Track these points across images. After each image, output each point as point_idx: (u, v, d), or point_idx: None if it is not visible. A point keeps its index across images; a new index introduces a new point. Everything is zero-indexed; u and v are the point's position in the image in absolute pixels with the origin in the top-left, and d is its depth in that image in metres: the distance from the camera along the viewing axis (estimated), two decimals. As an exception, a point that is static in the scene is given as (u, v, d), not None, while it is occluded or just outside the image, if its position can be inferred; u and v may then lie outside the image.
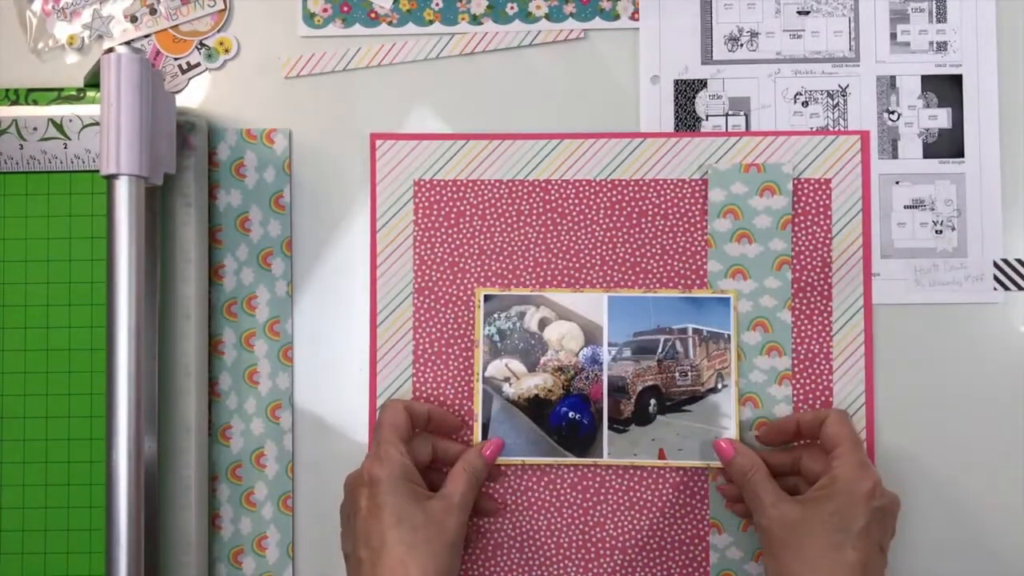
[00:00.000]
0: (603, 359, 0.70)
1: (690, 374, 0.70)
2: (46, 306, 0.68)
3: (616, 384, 0.70)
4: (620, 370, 0.70)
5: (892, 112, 0.71)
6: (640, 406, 0.69)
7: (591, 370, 0.70)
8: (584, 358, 0.70)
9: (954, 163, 0.71)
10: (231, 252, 0.71)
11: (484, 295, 0.70)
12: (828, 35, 0.72)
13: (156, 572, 0.66)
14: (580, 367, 0.70)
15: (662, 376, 0.70)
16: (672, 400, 0.70)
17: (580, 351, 0.70)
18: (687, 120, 0.71)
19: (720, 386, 0.70)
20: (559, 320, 0.70)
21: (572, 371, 0.70)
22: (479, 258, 0.71)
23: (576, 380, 0.70)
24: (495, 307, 0.70)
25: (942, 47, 0.72)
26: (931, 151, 0.71)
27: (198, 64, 0.73)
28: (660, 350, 0.70)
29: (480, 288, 0.70)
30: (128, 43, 0.71)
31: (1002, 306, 0.71)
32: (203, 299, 0.69)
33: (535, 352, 0.70)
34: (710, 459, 0.69)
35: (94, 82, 0.69)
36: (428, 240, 0.71)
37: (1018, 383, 0.70)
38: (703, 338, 0.70)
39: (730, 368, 0.70)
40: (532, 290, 0.70)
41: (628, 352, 0.70)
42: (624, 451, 0.69)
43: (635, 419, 0.69)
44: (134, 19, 0.72)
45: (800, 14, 0.72)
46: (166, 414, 0.67)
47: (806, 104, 0.71)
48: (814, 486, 0.63)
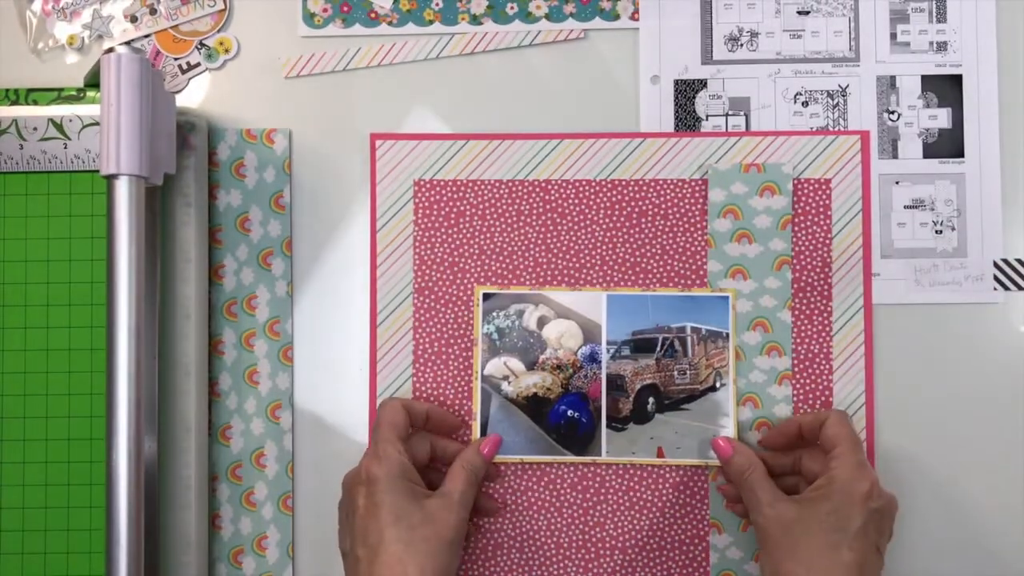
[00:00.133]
0: (602, 357, 0.70)
1: (688, 373, 0.70)
2: (46, 306, 0.68)
3: (615, 382, 0.70)
4: (619, 368, 0.70)
5: (892, 112, 0.71)
6: (639, 404, 0.69)
7: (590, 368, 0.70)
8: (583, 356, 0.70)
9: (954, 163, 0.71)
10: (231, 252, 0.71)
11: (483, 293, 0.70)
12: (828, 35, 0.72)
13: (156, 572, 0.66)
14: (579, 365, 0.70)
15: (660, 375, 0.70)
16: (670, 399, 0.70)
17: (579, 349, 0.70)
18: (687, 120, 0.71)
19: (719, 385, 0.70)
20: (558, 319, 0.70)
21: (571, 369, 0.70)
22: (479, 258, 0.71)
23: (575, 378, 0.70)
24: (494, 305, 0.70)
25: (942, 47, 0.72)
26: (931, 151, 0.71)
27: (198, 64, 0.73)
28: (659, 349, 0.70)
29: (479, 286, 0.70)
30: (128, 43, 0.71)
31: (1002, 306, 0.70)
32: (203, 299, 0.69)
33: (534, 350, 0.70)
34: (708, 458, 0.69)
35: (94, 82, 0.69)
36: (428, 240, 0.71)
37: (1018, 383, 0.70)
38: (702, 337, 0.70)
39: (728, 367, 0.70)
40: (531, 288, 0.70)
41: (627, 351, 0.70)
42: (623, 449, 0.69)
43: (634, 417, 0.69)
44: (134, 19, 0.72)
45: (800, 14, 0.72)
46: (166, 414, 0.67)
47: (806, 104, 0.71)
48: (811, 486, 0.63)
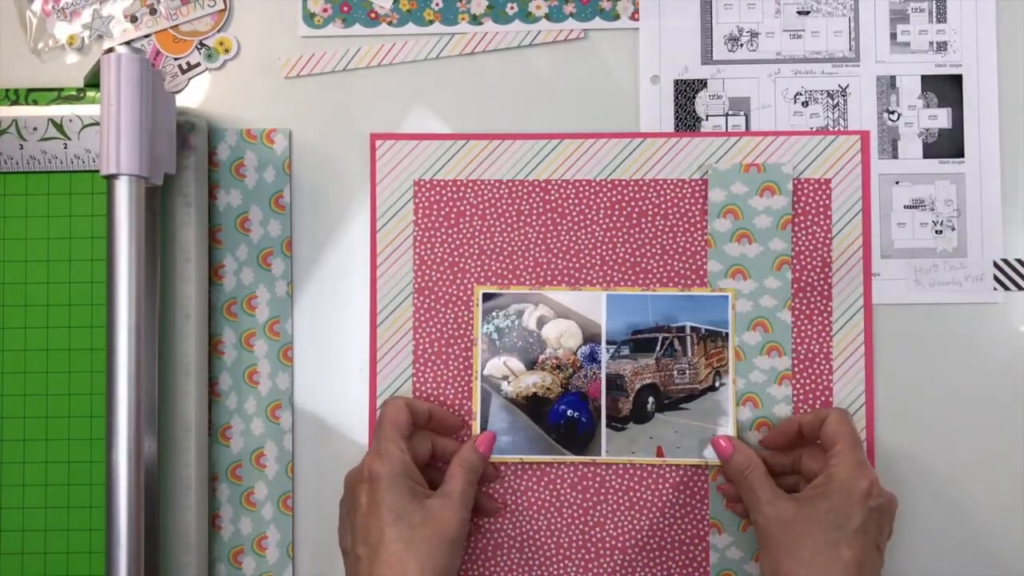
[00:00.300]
0: (601, 357, 0.70)
1: (688, 372, 0.70)
2: (46, 306, 0.68)
3: (614, 382, 0.70)
4: (618, 368, 0.70)
5: (892, 112, 0.71)
6: (638, 404, 0.69)
7: (589, 368, 0.70)
8: (582, 356, 0.70)
9: (954, 163, 0.71)
10: (231, 252, 0.71)
11: (483, 293, 0.70)
12: (828, 35, 0.72)
13: (156, 572, 0.66)
14: (578, 365, 0.70)
15: (660, 374, 0.70)
16: (670, 398, 0.70)
17: (578, 349, 0.70)
18: (687, 120, 0.71)
19: (718, 384, 0.69)
20: (558, 318, 0.70)
21: (570, 369, 0.70)
22: (479, 258, 0.71)
23: (574, 378, 0.70)
24: (494, 305, 0.70)
25: (942, 47, 0.72)
26: (931, 151, 0.71)
27: (198, 64, 0.73)
28: (658, 348, 0.70)
29: (479, 286, 0.70)
30: (128, 43, 0.71)
31: (1002, 306, 0.70)
32: (203, 299, 0.69)
33: (534, 350, 0.70)
34: (708, 457, 0.69)
35: (94, 82, 0.69)
36: (428, 240, 0.71)
37: (1018, 383, 0.70)
38: (701, 336, 0.70)
39: (728, 367, 0.70)
40: (531, 288, 0.70)
41: (626, 350, 0.70)
42: (622, 449, 0.69)
43: (633, 417, 0.69)
44: (134, 19, 0.72)
45: (800, 14, 0.72)
46: (166, 414, 0.67)
47: (806, 104, 0.71)
48: (810, 484, 0.63)
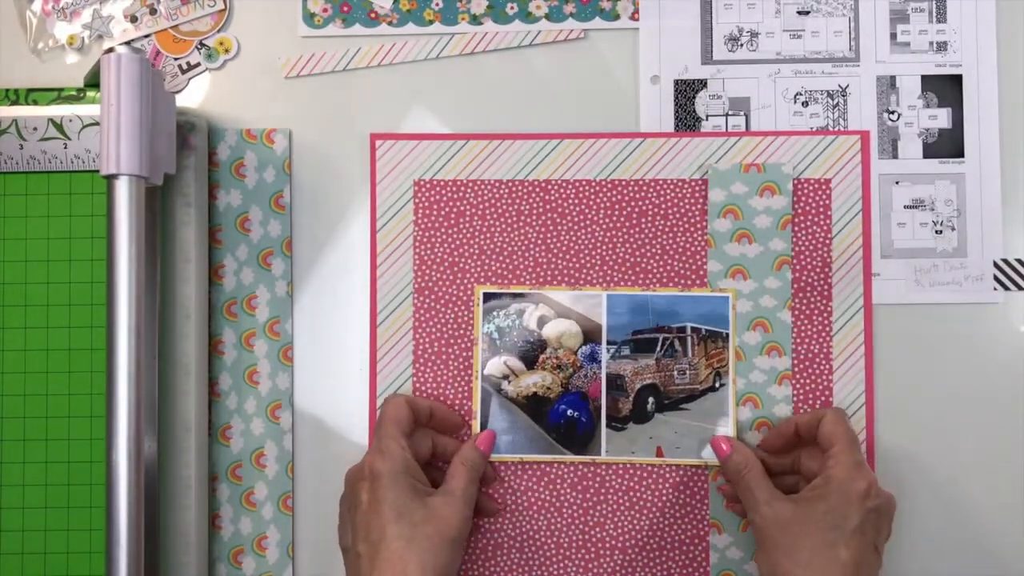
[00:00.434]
0: (601, 357, 0.70)
1: (688, 373, 0.70)
2: (46, 306, 0.68)
3: (614, 382, 0.70)
4: (618, 368, 0.70)
5: (892, 112, 0.71)
6: (638, 404, 0.69)
7: (589, 368, 0.70)
8: (583, 356, 0.70)
9: (954, 163, 0.71)
10: (231, 252, 0.71)
11: (483, 293, 0.70)
12: (828, 35, 0.72)
13: (156, 572, 0.66)
14: (579, 365, 0.70)
15: (660, 374, 0.70)
16: (670, 398, 0.70)
17: (579, 349, 0.70)
18: (687, 120, 0.71)
19: (718, 385, 0.70)
20: (558, 318, 0.70)
21: (571, 369, 0.70)
22: (479, 258, 0.71)
23: (575, 378, 0.70)
24: (494, 305, 0.70)
25: (942, 47, 0.72)
26: (931, 151, 0.71)
27: (198, 64, 0.73)
28: (658, 348, 0.70)
29: (479, 286, 0.70)
30: (128, 43, 0.71)
31: (1002, 306, 0.70)
32: (203, 299, 0.69)
33: (534, 350, 0.70)
34: (707, 457, 0.69)
35: (94, 82, 0.69)
36: (428, 240, 0.71)
37: (1018, 383, 0.70)
38: (701, 337, 0.70)
39: (728, 367, 0.70)
40: (531, 288, 0.70)
41: (627, 350, 0.70)
42: (622, 449, 0.69)
43: (633, 417, 0.69)
44: (134, 19, 0.72)
45: (800, 14, 0.72)
46: (166, 414, 0.67)
47: (806, 104, 0.71)
48: (808, 485, 0.63)
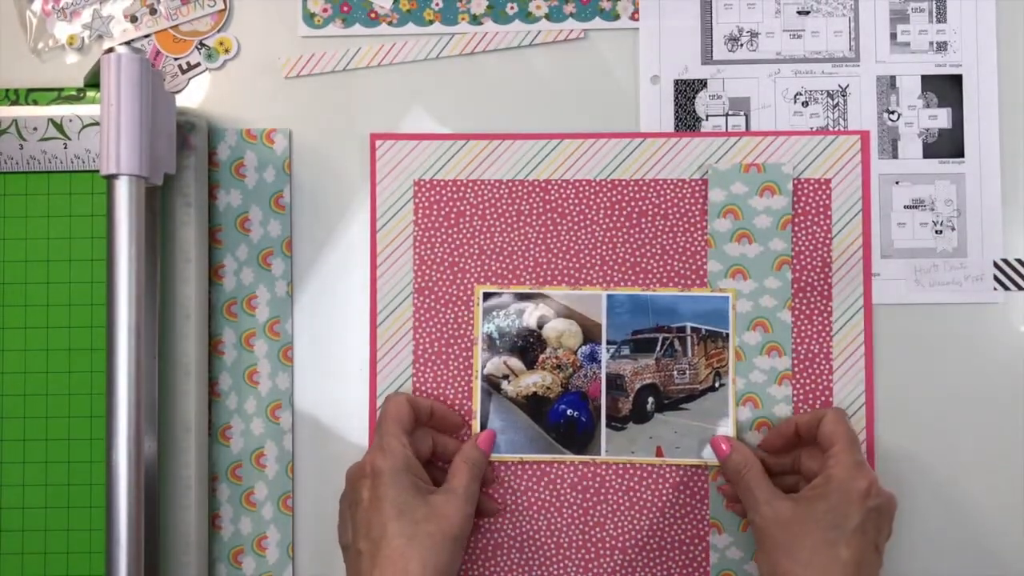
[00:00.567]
0: (601, 357, 0.70)
1: (688, 372, 0.70)
2: (46, 306, 0.68)
3: (614, 382, 0.70)
4: (618, 368, 0.70)
5: (892, 112, 0.71)
6: (638, 404, 0.69)
7: (589, 368, 0.70)
8: (583, 356, 0.70)
9: (954, 163, 0.71)
10: (231, 252, 0.71)
11: (483, 293, 0.70)
12: (828, 35, 0.72)
13: (156, 572, 0.66)
14: (578, 365, 0.70)
15: (660, 374, 0.70)
16: (670, 398, 0.70)
17: (578, 349, 0.70)
18: (687, 120, 0.71)
19: (718, 384, 0.70)
20: (558, 318, 0.70)
21: (570, 369, 0.70)
22: (479, 258, 0.71)
23: (574, 378, 0.70)
24: (494, 305, 0.70)
25: (942, 47, 0.72)
26: (931, 151, 0.71)
27: (198, 64, 0.73)
28: (658, 348, 0.70)
29: (479, 286, 0.70)
30: (128, 43, 0.71)
31: (1002, 306, 0.70)
32: (203, 299, 0.69)
33: (534, 350, 0.70)
34: (707, 457, 0.69)
35: (94, 82, 0.69)
36: (428, 240, 0.71)
37: (1018, 383, 0.70)
38: (701, 337, 0.70)
39: (728, 367, 0.70)
40: (531, 288, 0.70)
41: (626, 350, 0.70)
42: (622, 449, 0.69)
43: (633, 417, 0.69)
44: (134, 19, 0.72)
45: (800, 14, 0.72)
46: (166, 414, 0.67)
47: (806, 104, 0.71)
48: (809, 485, 0.63)
